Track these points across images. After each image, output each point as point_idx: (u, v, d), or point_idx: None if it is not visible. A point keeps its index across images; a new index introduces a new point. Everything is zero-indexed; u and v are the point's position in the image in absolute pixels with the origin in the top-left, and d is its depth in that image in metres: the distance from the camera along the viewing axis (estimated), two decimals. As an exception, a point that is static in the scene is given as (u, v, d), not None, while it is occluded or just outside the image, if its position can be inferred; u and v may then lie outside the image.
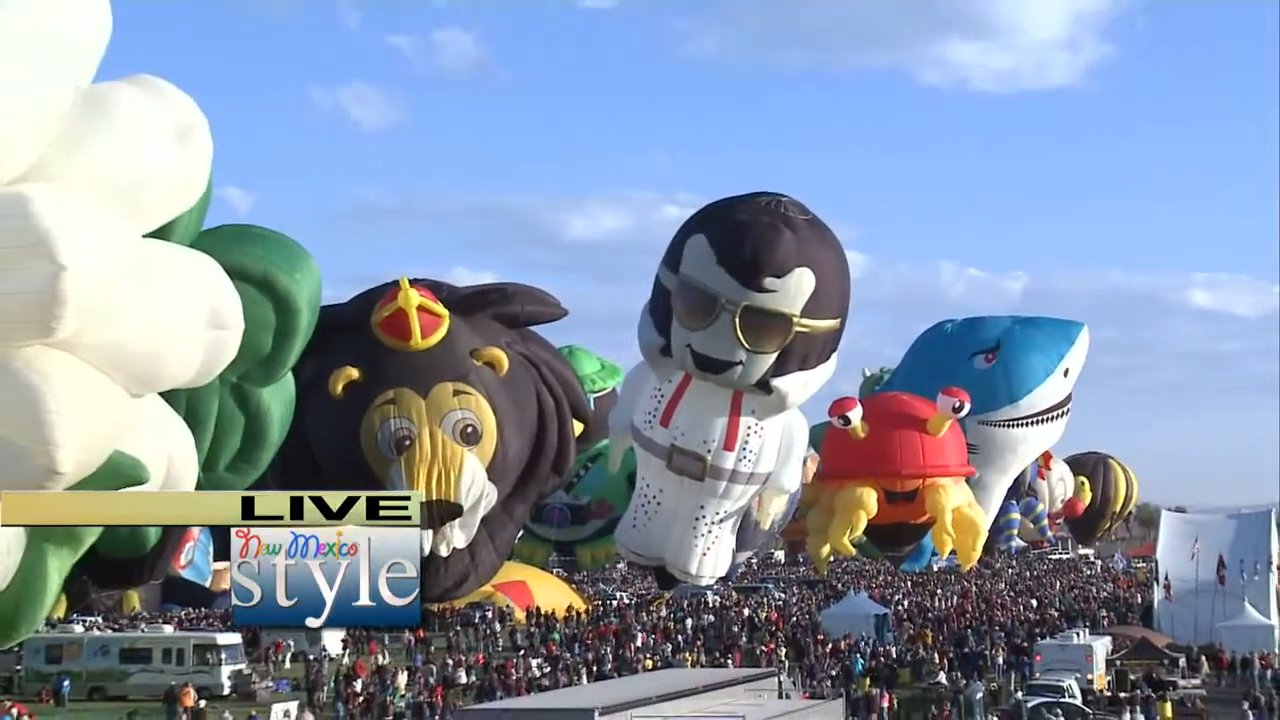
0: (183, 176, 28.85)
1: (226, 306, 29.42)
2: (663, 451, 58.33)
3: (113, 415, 28.15)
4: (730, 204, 57.57)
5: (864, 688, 50.88)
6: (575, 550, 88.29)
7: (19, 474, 26.81)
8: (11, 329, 26.47)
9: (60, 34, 26.88)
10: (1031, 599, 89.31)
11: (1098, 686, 51.56)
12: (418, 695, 50.68)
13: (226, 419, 33.77)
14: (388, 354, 60.18)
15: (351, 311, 59.84)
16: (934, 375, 78.88)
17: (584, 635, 67.51)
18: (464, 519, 61.04)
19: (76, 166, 26.89)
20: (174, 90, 28.62)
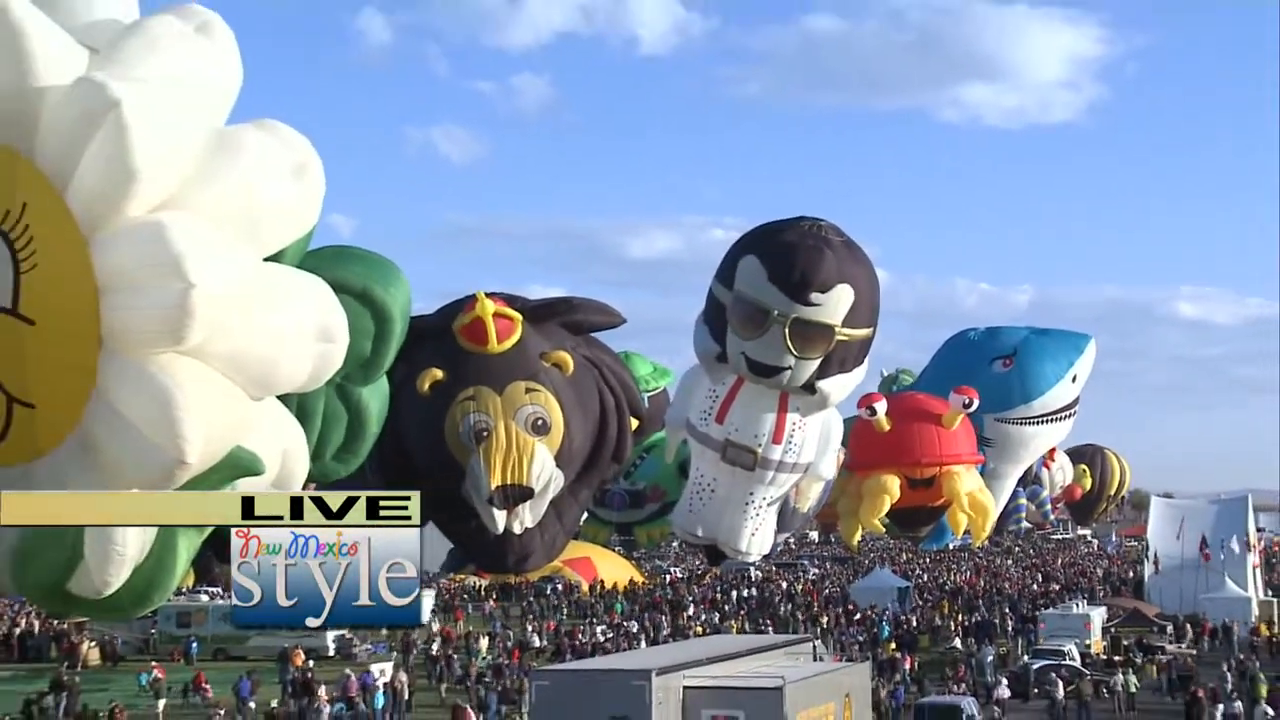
0: (298, 208, 28.99)
1: (334, 323, 29.32)
2: (718, 445, 58.51)
3: (234, 415, 28.12)
4: (776, 227, 57.67)
5: (888, 651, 51.05)
6: (633, 530, 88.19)
7: (151, 464, 27.07)
8: (148, 337, 26.64)
9: (199, 83, 27.31)
10: (1036, 574, 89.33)
11: (1095, 651, 51.68)
12: (497, 657, 51.04)
13: (332, 415, 33.21)
14: (468, 356, 60.46)
15: (437, 320, 60.19)
16: (958, 375, 78.83)
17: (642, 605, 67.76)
18: (534, 501, 61.37)
19: (207, 198, 27.05)
20: (292, 132, 28.76)
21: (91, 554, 27.55)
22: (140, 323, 26.48)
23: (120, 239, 26.36)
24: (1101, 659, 50.29)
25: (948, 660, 50.45)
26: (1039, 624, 56.25)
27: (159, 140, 26.00)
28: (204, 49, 27.47)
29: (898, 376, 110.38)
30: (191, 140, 26.88)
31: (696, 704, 28.00)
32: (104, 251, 26.44)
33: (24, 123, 26.32)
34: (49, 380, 27.18)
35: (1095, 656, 50.58)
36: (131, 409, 26.77)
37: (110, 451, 27.28)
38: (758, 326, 55.36)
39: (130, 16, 28.35)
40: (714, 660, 30.99)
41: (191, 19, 27.67)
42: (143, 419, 26.71)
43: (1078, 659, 47.73)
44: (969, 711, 37.62)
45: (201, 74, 27.39)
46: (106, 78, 25.79)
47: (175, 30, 27.29)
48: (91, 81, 25.79)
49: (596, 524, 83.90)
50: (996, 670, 47.15)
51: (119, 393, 26.87)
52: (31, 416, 27.46)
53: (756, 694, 28.24)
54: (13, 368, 27.08)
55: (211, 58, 27.59)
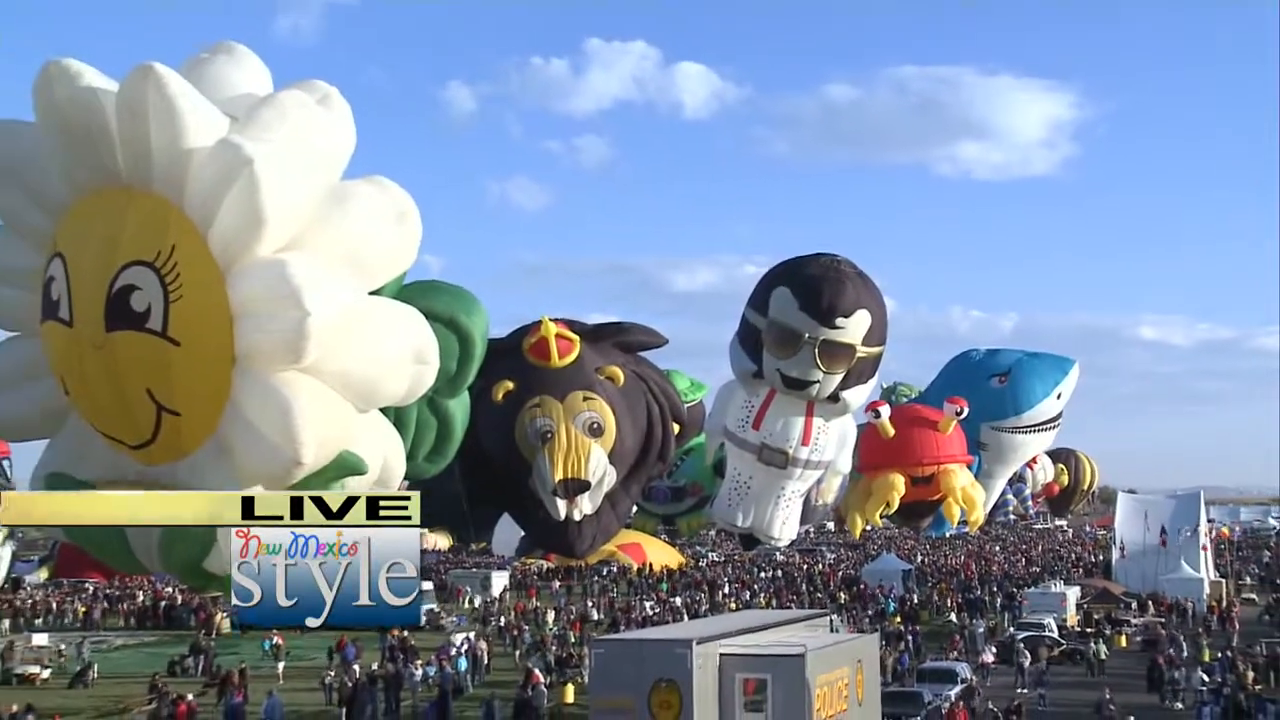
0: (399, 249, 29.42)
1: (426, 347, 29.58)
2: (755, 448, 58.85)
3: (343, 423, 28.48)
4: (800, 262, 58.16)
5: (894, 624, 51.08)
6: (676, 521, 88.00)
7: (274, 464, 27.51)
8: (271, 357, 27.13)
9: (319, 145, 27.79)
10: (1020, 558, 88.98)
11: (1070, 623, 51.64)
12: (562, 628, 51.18)
13: (423, 423, 33.28)
14: (534, 370, 61.14)
15: (509, 341, 60.66)
16: (960, 388, 78.95)
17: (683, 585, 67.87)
18: (591, 492, 62.05)
19: (323, 240, 27.59)
20: (395, 186, 29.15)
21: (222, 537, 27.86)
22: (266, 344, 27.03)
23: (251, 274, 26.92)
24: (1076, 631, 50.27)
25: (945, 632, 50.49)
26: (1022, 601, 56.41)
27: (284, 192, 26.63)
28: (324, 117, 27.95)
29: (895, 388, 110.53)
30: (311, 192, 27.51)
31: (731, 669, 28.07)
32: (237, 285, 27.00)
33: (175, 178, 26.95)
34: (192, 392, 27.73)
35: (1070, 628, 50.57)
36: (258, 417, 27.27)
37: (241, 453, 27.78)
38: (791, 347, 55.93)
39: (265, 90, 28.92)
40: (745, 631, 31.05)
41: (314, 92, 28.20)
42: (267, 425, 27.22)
43: (1055, 630, 47.85)
44: (962, 674, 37.71)
45: (321, 138, 27.86)
46: (243, 140, 26.36)
47: (300, 102, 27.82)
48: (230, 143, 26.35)
49: (645, 515, 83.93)
50: (986, 640, 47.24)
51: (248, 403, 27.40)
52: (177, 423, 28.09)
53: (782, 660, 28.32)
54: (162, 382, 27.65)
55: (330, 124, 28.07)
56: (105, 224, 27.67)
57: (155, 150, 26.90)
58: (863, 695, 31.12)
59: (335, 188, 28.25)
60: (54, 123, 28.09)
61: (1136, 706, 33.63)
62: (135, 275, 27.27)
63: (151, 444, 28.57)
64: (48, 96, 27.84)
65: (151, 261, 27.17)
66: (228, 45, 29.96)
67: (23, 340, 30.63)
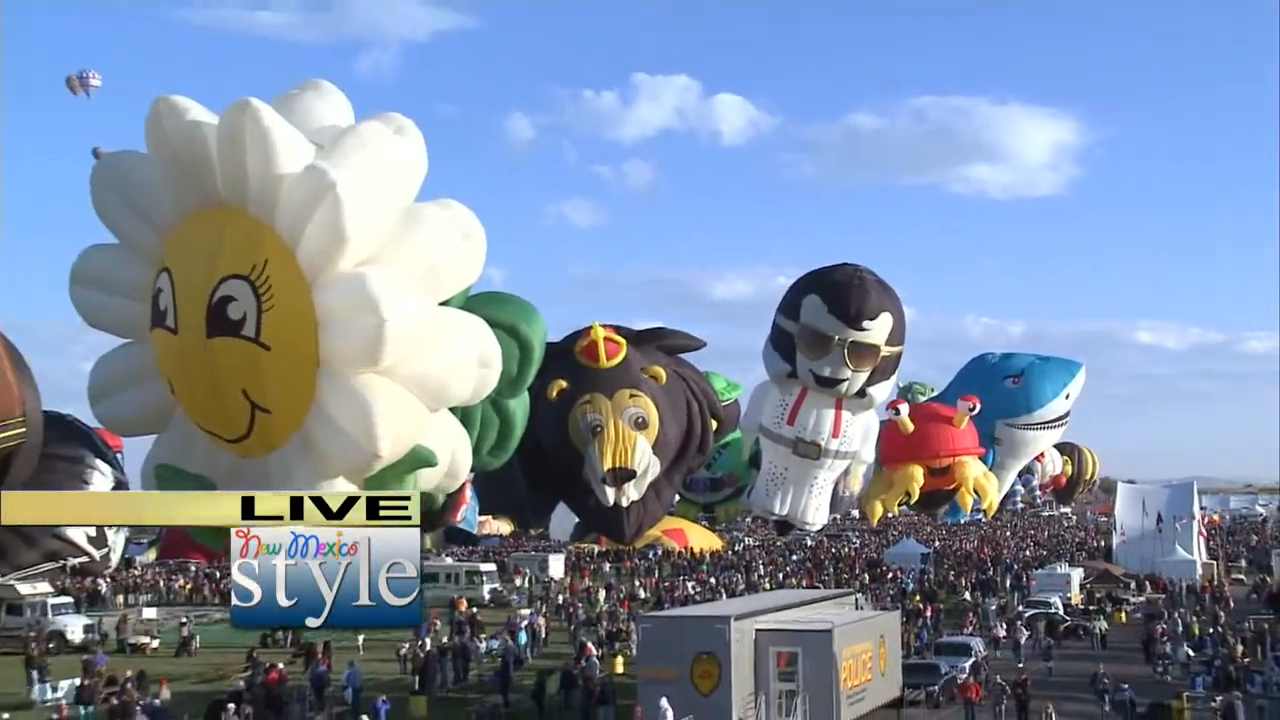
0: (466, 264, 29.44)
1: (490, 352, 29.60)
2: (789, 442, 59.22)
3: (416, 420, 28.54)
4: (827, 271, 58.54)
5: (913, 602, 50.79)
6: (714, 508, 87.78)
7: (354, 457, 27.66)
8: (352, 360, 27.28)
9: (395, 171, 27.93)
10: (1028, 542, 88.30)
11: (1074, 602, 51.26)
12: (613, 605, 51.14)
13: (487, 421, 33.39)
14: (585, 371, 61.14)
15: (562, 345, 60.58)
16: (976, 389, 79.08)
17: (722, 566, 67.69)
18: (636, 480, 62.04)
19: (398, 256, 27.67)
20: (462, 207, 29.23)
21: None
22: (348, 349, 27.18)
23: (334, 286, 27.08)
24: (1079, 608, 49.90)
25: (959, 609, 50.19)
26: (1031, 581, 55.99)
27: (364, 212, 26.79)
28: (399, 145, 28.10)
29: (911, 387, 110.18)
30: (388, 213, 27.65)
31: (765, 642, 28.08)
32: (322, 295, 27.17)
33: (268, 199, 27.19)
34: (281, 392, 27.93)
35: (1074, 606, 50.20)
36: (340, 415, 27.41)
37: (324, 447, 27.93)
38: (822, 349, 56.41)
39: (347, 121, 29.06)
40: (779, 609, 31.06)
41: (391, 123, 28.35)
42: (348, 422, 27.36)
43: (1060, 608, 47.51)
44: (976, 648, 37.52)
45: (397, 164, 27.99)
46: (327, 166, 26.57)
47: (378, 132, 27.98)
48: (316, 169, 26.56)
49: (686, 504, 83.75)
50: (997, 617, 46.96)
51: (332, 403, 27.55)
52: (269, 420, 28.30)
53: (812, 635, 28.30)
54: (255, 382, 27.89)
55: (404, 152, 28.20)
56: (206, 241, 27.96)
57: (251, 175, 27.14)
58: (885, 667, 31.10)
59: (409, 209, 28.36)
60: (163, 152, 28.41)
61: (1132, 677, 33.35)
62: (232, 287, 27.53)
63: (246, 439, 28.79)
64: (158, 128, 28.17)
65: (247, 275, 27.41)
66: (315, 82, 30.18)
67: (134, 346, 30.97)
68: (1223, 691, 31.45)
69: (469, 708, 31.35)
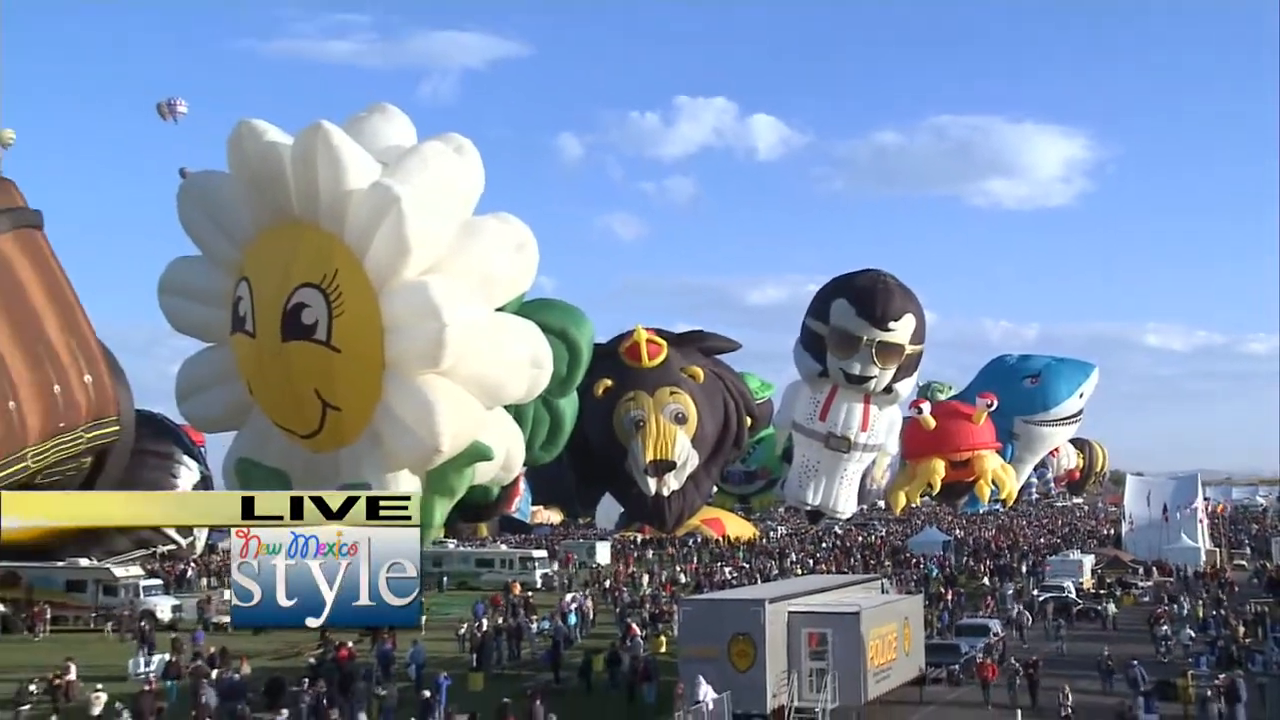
0: (519, 273, 29.60)
1: (542, 354, 29.59)
2: (821, 436, 59.36)
3: (474, 418, 28.70)
4: (853, 276, 58.62)
5: (935, 586, 50.39)
6: (749, 499, 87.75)
7: (417, 452, 27.83)
8: (415, 362, 27.49)
9: (454, 187, 28.01)
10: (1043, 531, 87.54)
11: (1086, 586, 50.73)
12: (655, 589, 50.98)
13: (539, 419, 33.38)
14: (629, 370, 61.12)
15: (607, 346, 60.44)
16: (996, 388, 79.27)
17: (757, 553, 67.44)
18: (676, 471, 62.02)
19: (457, 265, 27.85)
20: (516, 220, 29.36)
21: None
22: (411, 351, 27.34)
23: (399, 294, 27.24)
24: (1091, 592, 49.36)
25: (979, 593, 49.70)
26: (1045, 567, 55.48)
27: (426, 225, 26.97)
28: (458, 163, 28.26)
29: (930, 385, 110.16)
30: (448, 226, 27.82)
31: (797, 624, 27.83)
32: (388, 302, 27.34)
33: (338, 214, 27.40)
34: (350, 392, 28.10)
35: (1086, 590, 49.64)
36: (405, 413, 27.56)
37: (390, 443, 28.08)
38: (852, 348, 56.48)
39: (410, 142, 29.21)
40: (810, 593, 30.86)
41: (451, 143, 28.49)
42: (412, 420, 27.52)
43: (1073, 592, 47.01)
44: (994, 629, 37.19)
45: (456, 180, 28.16)
46: (392, 182, 26.69)
47: (439, 151, 28.13)
48: (382, 185, 26.73)
49: (723, 495, 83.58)
50: (1014, 600, 46.53)
51: (397, 401, 27.70)
52: (339, 417, 28.51)
53: (841, 617, 28.07)
54: (327, 383, 28.08)
55: (463, 170, 28.35)
56: (282, 253, 28.17)
57: (322, 191, 27.32)
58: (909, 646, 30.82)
59: (467, 222, 28.49)
60: (243, 171, 28.65)
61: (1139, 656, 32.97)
62: (306, 295, 27.72)
63: (318, 434, 29.00)
64: (239, 149, 28.41)
65: (319, 284, 27.60)
66: (381, 106, 30.37)
67: (216, 350, 31.24)
68: (1225, 670, 31.14)
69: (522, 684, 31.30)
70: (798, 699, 27.27)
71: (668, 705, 27.26)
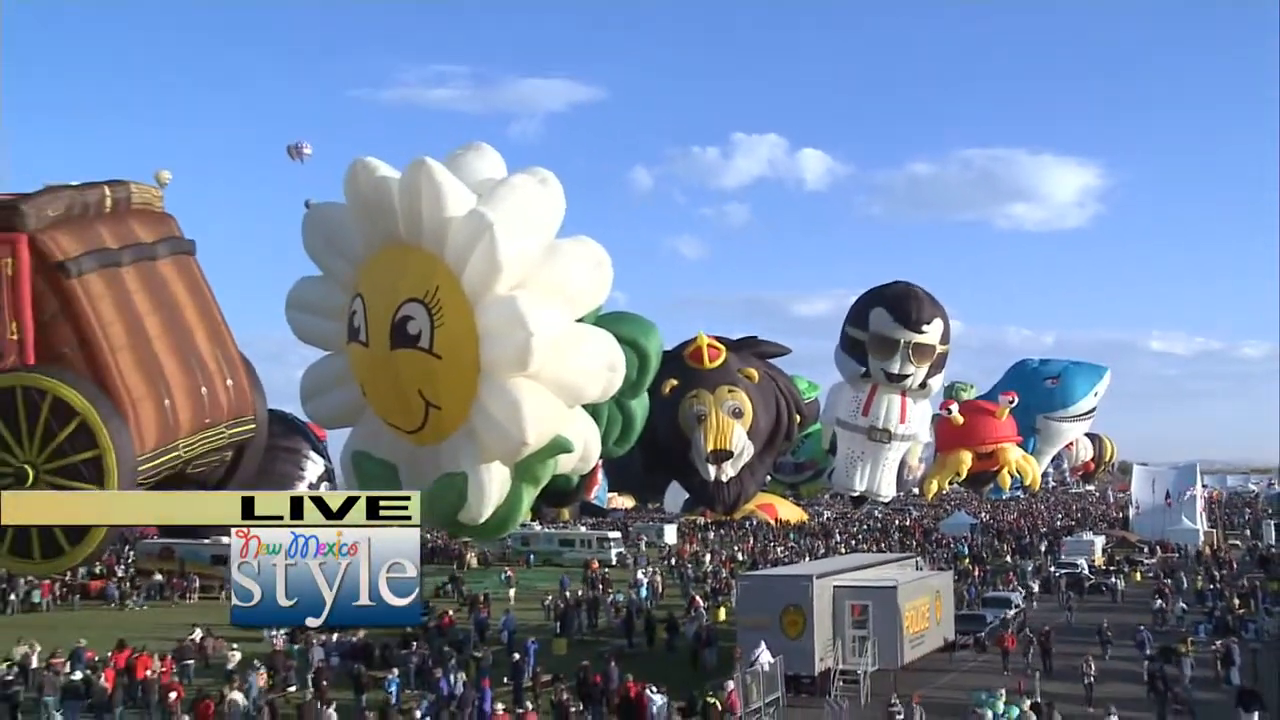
0: (596, 289, 29.02)
1: (616, 360, 28.98)
2: (864, 430, 59.34)
3: (556, 415, 28.23)
4: (885, 288, 59.08)
5: (963, 564, 49.86)
6: (799, 487, 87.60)
7: (506, 444, 27.39)
8: (505, 367, 27.10)
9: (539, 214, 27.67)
10: (1058, 514, 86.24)
11: (1097, 563, 50.29)
12: (716, 566, 50.92)
13: (612, 418, 32.63)
14: (692, 371, 61.37)
15: (674, 351, 60.61)
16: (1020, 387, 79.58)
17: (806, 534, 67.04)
18: (733, 460, 62.13)
19: (542, 282, 27.48)
20: (594, 243, 28.89)
21: (472, 498, 28.00)
22: (502, 358, 27.05)
23: (491, 307, 27.04)
24: (1101, 568, 48.82)
25: (1003, 570, 49.10)
26: (1061, 546, 54.86)
27: (514, 247, 26.69)
28: (543, 193, 27.93)
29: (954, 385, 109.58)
30: (533, 247, 27.50)
31: (841, 597, 27.85)
32: (482, 314, 27.13)
33: (439, 238, 27.26)
34: (450, 392, 27.93)
35: (1097, 567, 49.17)
36: (496, 410, 27.31)
37: (483, 436, 27.84)
38: (890, 351, 56.73)
39: (501, 174, 29.02)
40: (853, 569, 30.78)
41: (536, 175, 28.21)
42: (503, 417, 27.20)
43: (1086, 569, 46.66)
44: (1015, 601, 36.92)
45: (541, 208, 27.83)
46: (486, 210, 26.60)
47: (526, 182, 27.86)
48: (477, 212, 26.62)
49: (776, 483, 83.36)
50: (1034, 576, 45.97)
51: (489, 400, 27.46)
52: (439, 415, 28.31)
53: (880, 590, 28.05)
54: (429, 385, 27.98)
55: (547, 198, 28.02)
56: (390, 272, 28.14)
57: (425, 218, 27.26)
58: (940, 617, 30.65)
59: (551, 244, 28.20)
60: (357, 201, 28.67)
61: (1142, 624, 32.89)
62: (411, 309, 27.59)
63: (421, 429, 28.85)
64: (354, 182, 28.45)
65: (422, 299, 27.49)
66: (476, 144, 30.18)
67: (334, 357, 31.29)
68: (1221, 637, 31.31)
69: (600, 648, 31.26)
70: (842, 662, 27.19)
71: (728, 667, 27.22)
